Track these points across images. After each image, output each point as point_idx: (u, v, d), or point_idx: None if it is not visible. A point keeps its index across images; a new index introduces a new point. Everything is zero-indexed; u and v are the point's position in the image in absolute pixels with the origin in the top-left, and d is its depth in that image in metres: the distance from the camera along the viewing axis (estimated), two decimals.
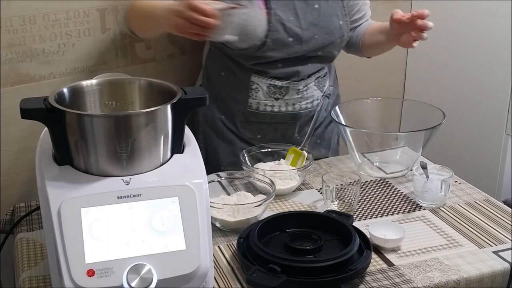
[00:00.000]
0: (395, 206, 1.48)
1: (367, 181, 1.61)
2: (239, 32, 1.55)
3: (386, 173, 1.64)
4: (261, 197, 1.43)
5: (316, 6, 1.64)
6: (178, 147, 1.13)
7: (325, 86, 1.76)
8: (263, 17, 1.58)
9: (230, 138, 1.74)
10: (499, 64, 2.19)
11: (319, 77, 1.73)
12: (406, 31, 1.58)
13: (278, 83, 1.66)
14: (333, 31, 1.66)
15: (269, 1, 1.58)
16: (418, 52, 2.45)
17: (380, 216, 1.44)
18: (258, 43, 1.58)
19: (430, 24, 1.53)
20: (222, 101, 1.71)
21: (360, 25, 1.79)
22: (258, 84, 1.66)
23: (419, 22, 1.52)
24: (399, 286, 1.18)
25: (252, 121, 1.71)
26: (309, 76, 1.70)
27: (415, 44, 1.58)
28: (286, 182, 1.53)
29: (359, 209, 1.47)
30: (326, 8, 1.65)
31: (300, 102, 1.70)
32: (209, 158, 1.74)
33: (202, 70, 1.77)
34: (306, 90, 1.70)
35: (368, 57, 1.87)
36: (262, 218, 1.35)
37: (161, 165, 1.10)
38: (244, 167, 1.56)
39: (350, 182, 1.47)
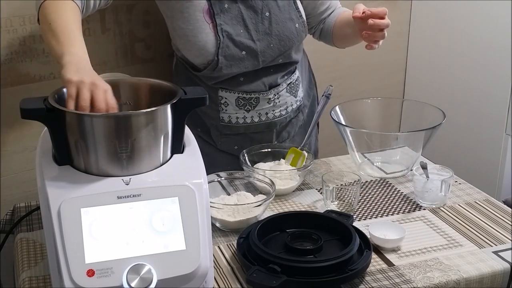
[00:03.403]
0: (395, 206, 1.48)
1: (367, 181, 1.61)
2: (190, 47, 1.53)
3: (386, 173, 1.64)
4: (261, 197, 1.43)
5: (267, 14, 1.57)
6: (178, 147, 1.13)
7: (298, 90, 1.72)
8: (210, 32, 1.53)
9: (208, 151, 1.68)
10: (499, 64, 2.19)
11: (290, 83, 1.69)
12: (365, 27, 1.46)
13: (247, 95, 1.62)
14: (289, 36, 1.59)
15: (215, 16, 1.52)
16: (418, 52, 2.46)
17: (380, 216, 1.44)
18: (211, 59, 1.54)
19: (384, 22, 1.43)
20: (196, 115, 1.66)
21: (329, 15, 1.71)
22: (226, 98, 1.62)
23: (370, 21, 1.42)
24: (399, 286, 1.18)
25: (227, 133, 1.67)
26: (279, 83, 1.66)
27: (375, 46, 1.49)
28: (286, 182, 1.53)
29: (359, 209, 1.47)
30: (278, 14, 1.58)
31: (274, 110, 1.67)
32: None
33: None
34: (277, 98, 1.66)
35: (341, 48, 1.77)
36: (262, 218, 1.35)
37: (161, 165, 1.10)
38: (244, 167, 1.56)
39: (350, 182, 1.47)
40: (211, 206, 1.27)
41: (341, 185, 1.47)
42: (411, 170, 1.57)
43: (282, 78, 1.67)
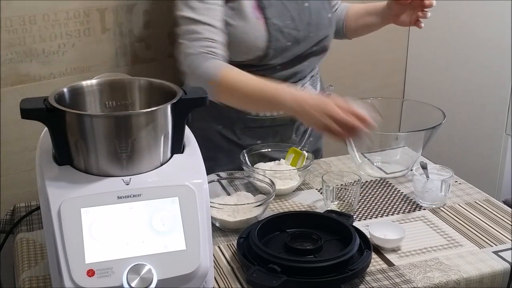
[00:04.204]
0: (395, 206, 1.48)
1: (367, 181, 1.61)
2: (237, 44, 1.55)
3: (386, 173, 1.64)
4: (261, 197, 1.43)
5: (306, 4, 1.62)
6: (178, 147, 1.13)
7: (318, 84, 1.76)
8: (262, 27, 1.55)
9: (228, 148, 1.70)
10: (499, 64, 2.19)
11: (313, 75, 1.73)
12: (405, 11, 1.64)
13: None
14: (325, 25, 1.66)
15: (265, 10, 1.56)
16: (418, 52, 2.46)
17: (380, 216, 1.44)
18: (260, 54, 1.56)
19: (434, 2, 1.59)
20: (219, 111, 1.66)
21: (335, 10, 1.80)
22: None
23: (426, 2, 1.58)
24: (399, 286, 1.18)
25: (252, 126, 1.69)
26: (305, 76, 1.70)
27: (422, 24, 1.63)
28: (286, 182, 1.53)
29: (359, 209, 1.47)
30: (315, 4, 1.64)
31: None
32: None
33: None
34: (303, 90, 1.69)
35: (350, 39, 1.88)
36: (262, 218, 1.35)
37: (161, 165, 1.10)
38: (244, 167, 1.56)
39: (350, 182, 1.47)
40: (211, 206, 1.27)
41: (341, 185, 1.47)
42: (411, 170, 1.57)
43: (308, 70, 1.71)
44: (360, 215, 1.44)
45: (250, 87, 1.46)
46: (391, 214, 1.45)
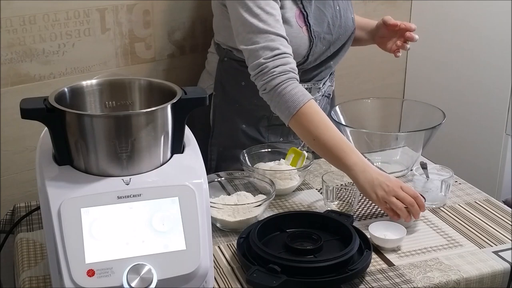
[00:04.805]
0: None
1: None
2: None
3: (386, 173, 1.63)
4: (261, 197, 1.43)
5: (337, 8, 1.64)
6: (178, 147, 1.13)
7: (333, 80, 1.77)
8: (304, 35, 1.55)
9: (249, 146, 1.67)
10: (499, 64, 2.19)
11: (331, 73, 1.75)
12: (391, 37, 1.67)
13: (304, 85, 1.60)
14: (350, 27, 1.68)
15: (307, 18, 1.56)
16: (418, 52, 2.45)
17: (380, 216, 1.44)
18: (300, 60, 1.56)
19: (416, 37, 1.62)
20: (244, 110, 1.67)
21: None
22: None
23: (408, 34, 1.62)
24: (399, 286, 1.18)
25: (276, 124, 1.68)
26: (327, 75, 1.72)
27: (399, 54, 1.66)
28: (286, 182, 1.53)
29: (359, 209, 1.47)
30: (344, 7, 1.66)
31: (319, 100, 1.72)
32: (219, 168, 1.71)
33: (213, 81, 1.70)
34: (323, 88, 1.72)
35: None
36: (262, 218, 1.35)
37: (161, 165, 1.10)
38: (244, 167, 1.56)
39: (350, 182, 1.47)
40: (211, 206, 1.27)
41: (341, 185, 1.47)
42: (411, 170, 1.57)
43: (333, 69, 1.73)
44: (360, 215, 1.44)
45: (328, 134, 1.41)
46: None
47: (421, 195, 1.38)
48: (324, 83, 1.71)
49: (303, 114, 1.41)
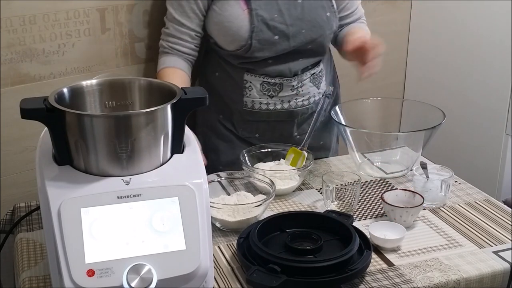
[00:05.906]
0: None
1: (367, 181, 1.61)
2: (224, 33, 1.58)
3: (386, 173, 1.64)
4: (261, 197, 1.43)
5: (299, 0, 1.63)
6: (178, 147, 1.13)
7: (321, 83, 1.75)
8: (245, 18, 1.58)
9: (229, 138, 1.75)
10: (499, 64, 2.19)
11: (314, 73, 1.73)
12: (356, 55, 1.61)
13: (271, 80, 1.66)
14: (320, 24, 1.66)
15: (249, 1, 1.59)
16: (418, 52, 2.46)
17: (380, 216, 1.44)
18: (244, 44, 1.59)
19: (377, 69, 1.59)
20: (220, 101, 1.72)
21: (347, 24, 1.78)
22: (251, 83, 1.67)
23: (368, 59, 1.58)
24: (399, 286, 1.18)
25: (249, 119, 1.72)
26: (303, 72, 1.70)
27: (362, 76, 1.61)
28: (286, 182, 1.53)
29: (359, 209, 1.47)
30: (310, 1, 1.64)
31: (296, 99, 1.70)
32: (207, 158, 1.73)
33: (199, 75, 1.79)
34: (301, 87, 1.70)
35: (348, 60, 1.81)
36: (262, 218, 1.35)
37: (161, 165, 1.10)
38: (244, 167, 1.56)
39: (350, 182, 1.47)
40: (211, 206, 1.27)
41: (341, 185, 1.47)
42: (411, 170, 1.57)
43: (306, 68, 1.71)
44: (360, 215, 1.44)
45: None
46: None
47: (421, 195, 1.38)
48: (300, 82, 1.69)
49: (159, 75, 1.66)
